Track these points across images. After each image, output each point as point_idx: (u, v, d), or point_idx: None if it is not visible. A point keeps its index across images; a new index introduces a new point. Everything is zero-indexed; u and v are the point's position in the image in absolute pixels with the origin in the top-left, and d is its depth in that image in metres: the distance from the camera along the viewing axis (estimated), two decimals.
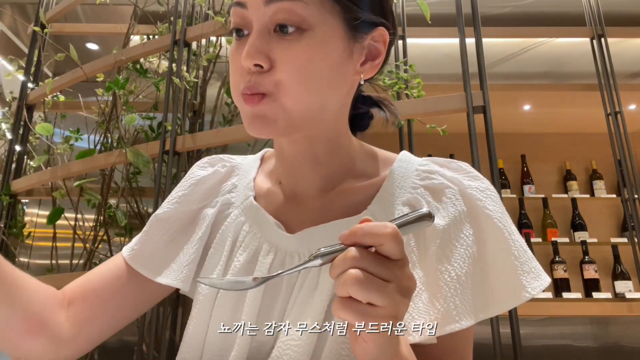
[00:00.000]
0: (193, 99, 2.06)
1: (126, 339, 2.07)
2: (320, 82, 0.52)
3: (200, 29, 1.88)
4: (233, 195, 0.65)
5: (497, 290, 0.52)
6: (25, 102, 2.27)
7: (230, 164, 0.70)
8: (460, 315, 0.50)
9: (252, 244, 0.59)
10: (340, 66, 0.53)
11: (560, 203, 3.00)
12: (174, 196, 0.68)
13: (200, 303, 0.58)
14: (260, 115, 0.52)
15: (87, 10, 2.88)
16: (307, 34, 0.50)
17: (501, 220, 0.54)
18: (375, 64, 0.57)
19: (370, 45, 0.56)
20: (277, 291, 0.56)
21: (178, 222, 0.65)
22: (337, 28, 0.52)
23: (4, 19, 3.05)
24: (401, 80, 1.85)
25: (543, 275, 0.53)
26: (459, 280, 0.51)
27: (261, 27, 0.52)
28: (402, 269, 0.41)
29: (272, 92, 0.51)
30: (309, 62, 0.51)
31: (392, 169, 0.60)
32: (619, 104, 2.35)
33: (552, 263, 2.74)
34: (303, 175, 0.61)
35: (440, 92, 1.61)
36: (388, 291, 0.40)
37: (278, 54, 0.51)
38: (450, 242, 0.53)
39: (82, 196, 2.00)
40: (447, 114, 1.54)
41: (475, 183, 0.57)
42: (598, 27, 2.52)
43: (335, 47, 0.52)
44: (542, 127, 3.17)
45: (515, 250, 0.53)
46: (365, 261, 0.40)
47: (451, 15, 1.65)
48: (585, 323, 2.40)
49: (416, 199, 0.56)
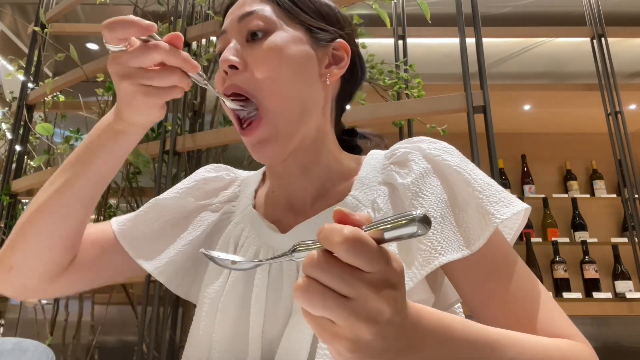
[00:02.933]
0: (193, 99, 2.06)
1: (126, 339, 2.07)
2: (291, 77, 0.59)
3: (200, 29, 1.89)
4: (234, 204, 0.70)
5: (472, 226, 0.54)
6: (26, 102, 2.27)
7: (235, 175, 0.75)
8: (446, 250, 0.52)
9: (252, 247, 0.63)
10: (307, 64, 0.61)
11: (561, 203, 3.00)
12: (177, 188, 0.72)
13: (205, 308, 0.60)
14: (259, 140, 0.59)
15: (87, 10, 2.88)
16: (274, 35, 0.59)
17: (460, 166, 0.57)
18: (340, 67, 0.64)
19: (334, 53, 0.64)
20: (278, 289, 0.57)
21: (173, 213, 0.70)
22: (299, 33, 0.61)
23: (4, 19, 3.05)
24: (401, 80, 1.85)
25: (515, 202, 0.55)
26: (436, 221, 0.54)
27: (237, 37, 0.61)
28: (371, 286, 0.33)
29: (256, 95, 0.58)
30: (278, 54, 0.58)
31: (365, 160, 0.66)
32: (619, 104, 2.35)
33: (552, 263, 2.74)
34: (296, 186, 0.65)
35: (440, 92, 1.61)
36: (344, 309, 0.33)
37: (250, 56, 0.59)
38: (421, 192, 0.57)
39: None
40: (447, 114, 1.54)
41: (434, 144, 0.61)
42: (598, 27, 2.53)
43: (299, 47, 0.60)
44: (542, 127, 3.17)
45: (479, 187, 0.55)
46: (318, 270, 0.33)
47: (451, 15, 1.65)
48: (586, 323, 2.39)
49: (389, 175, 0.61)
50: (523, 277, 0.54)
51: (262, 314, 0.56)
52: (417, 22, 2.18)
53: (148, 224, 0.68)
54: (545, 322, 0.51)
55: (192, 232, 0.68)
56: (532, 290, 0.53)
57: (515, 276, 0.54)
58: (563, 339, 0.50)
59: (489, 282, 0.54)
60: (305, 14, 0.62)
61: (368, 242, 0.33)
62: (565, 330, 0.51)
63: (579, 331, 0.52)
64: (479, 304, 0.54)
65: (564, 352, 0.48)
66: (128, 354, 1.75)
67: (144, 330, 1.57)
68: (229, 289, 0.59)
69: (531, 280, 0.54)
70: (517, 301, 0.52)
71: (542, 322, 0.51)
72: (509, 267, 0.54)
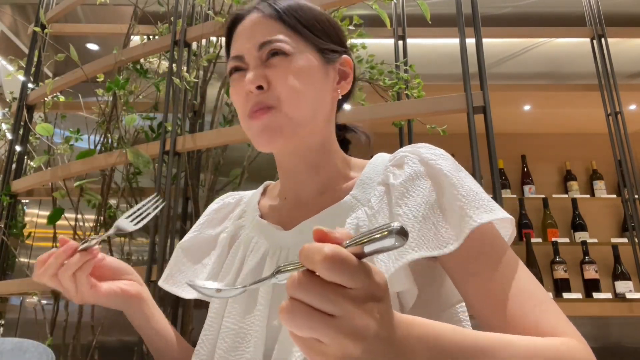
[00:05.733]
0: (193, 99, 2.06)
1: (126, 339, 2.07)
2: (310, 93, 0.65)
3: (200, 30, 1.89)
4: (243, 219, 0.77)
5: (450, 227, 0.56)
6: (26, 103, 2.27)
7: (239, 196, 0.83)
8: (420, 247, 0.55)
9: (260, 249, 0.68)
10: (321, 82, 0.67)
11: (561, 203, 3.00)
12: (194, 228, 0.82)
13: (215, 303, 0.69)
14: (267, 126, 0.64)
15: (87, 11, 2.88)
16: (291, 57, 0.65)
17: (451, 171, 0.60)
18: (347, 82, 0.72)
19: (340, 69, 0.71)
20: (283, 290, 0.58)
21: (201, 247, 0.79)
22: (313, 55, 0.67)
23: (4, 19, 3.05)
24: (401, 81, 1.86)
25: (498, 210, 0.57)
26: (417, 220, 0.57)
27: (256, 61, 0.66)
28: (355, 302, 0.34)
29: (276, 105, 0.64)
30: (297, 75, 0.64)
31: (371, 161, 0.71)
32: (619, 104, 2.35)
33: (552, 263, 2.74)
34: (303, 181, 0.70)
35: (440, 92, 1.61)
36: (330, 327, 0.33)
37: (273, 75, 0.64)
38: (407, 192, 0.60)
39: (82, 196, 2.00)
40: (447, 114, 1.54)
41: (432, 151, 0.64)
42: (598, 27, 2.53)
43: (314, 67, 0.67)
44: (542, 127, 3.17)
45: (463, 191, 0.58)
46: (301, 290, 0.33)
47: (451, 16, 1.64)
48: (586, 323, 2.39)
49: (386, 175, 0.64)
50: (519, 276, 0.55)
51: (267, 307, 0.61)
52: (417, 22, 2.18)
53: (185, 268, 0.78)
54: (542, 321, 0.51)
55: (218, 250, 0.76)
56: (528, 288, 0.54)
57: (511, 275, 0.55)
58: (559, 338, 0.50)
59: (484, 279, 0.55)
60: (316, 37, 0.68)
61: (348, 258, 0.33)
62: (562, 328, 0.51)
63: (577, 330, 0.52)
64: (475, 301, 0.55)
65: (559, 351, 0.48)
66: (128, 354, 1.75)
67: None
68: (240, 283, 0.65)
69: (528, 279, 0.55)
70: (512, 299, 0.53)
71: (538, 320, 0.51)
72: (505, 266, 0.55)
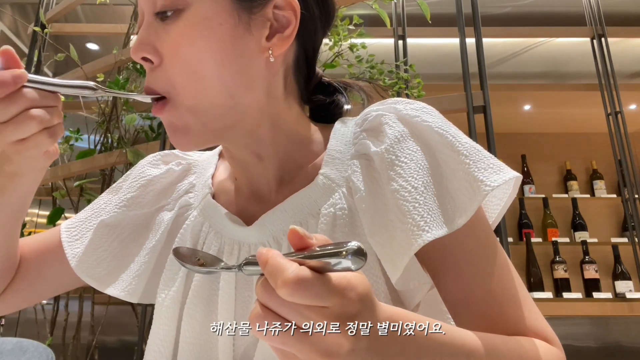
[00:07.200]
0: None
1: (126, 339, 2.07)
2: (214, 69, 0.48)
3: None
4: (191, 195, 0.61)
5: (458, 195, 0.47)
6: None
7: (187, 161, 0.65)
8: (430, 226, 0.45)
9: (214, 244, 0.56)
10: (235, 44, 0.48)
11: (561, 203, 3.00)
12: (122, 198, 0.63)
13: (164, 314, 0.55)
14: (171, 124, 0.50)
15: (87, 10, 2.88)
16: (185, 14, 0.47)
17: (442, 127, 0.50)
18: (285, 36, 0.50)
19: (276, 15, 0.50)
20: (249, 288, 0.53)
21: (129, 228, 0.62)
22: (220, 2, 0.47)
23: (4, 19, 3.05)
24: (401, 80, 1.85)
25: (506, 169, 0.48)
26: (417, 191, 0.47)
27: (147, 17, 0.49)
28: (330, 319, 0.31)
29: (171, 94, 0.49)
30: (191, 46, 0.47)
31: (333, 130, 0.57)
32: (619, 104, 2.35)
33: (552, 263, 2.74)
34: (255, 173, 0.57)
35: (440, 92, 1.61)
36: (303, 344, 0.31)
37: (163, 44, 0.48)
38: (398, 159, 0.49)
39: (82, 196, 2.00)
40: (447, 113, 1.54)
41: (411, 105, 0.54)
42: (598, 27, 2.53)
43: (223, 23, 0.47)
44: (542, 127, 3.17)
45: (465, 150, 0.48)
46: (274, 301, 0.31)
47: (451, 15, 1.65)
48: (586, 323, 2.39)
49: (362, 145, 0.53)
50: (501, 271, 0.48)
51: (231, 317, 0.51)
52: (417, 22, 2.18)
53: (105, 248, 0.61)
54: (520, 320, 0.47)
55: (153, 239, 0.60)
56: (509, 285, 0.48)
57: (492, 268, 0.48)
58: (538, 340, 0.46)
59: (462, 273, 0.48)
60: None
61: (311, 282, 0.30)
62: (540, 329, 0.47)
63: (552, 330, 0.49)
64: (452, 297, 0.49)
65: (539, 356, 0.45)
66: (128, 354, 1.75)
67: (143, 330, 1.57)
68: (194, 293, 0.54)
69: (509, 272, 0.49)
70: (493, 297, 0.47)
71: (516, 319, 0.47)
72: (488, 256, 0.48)
